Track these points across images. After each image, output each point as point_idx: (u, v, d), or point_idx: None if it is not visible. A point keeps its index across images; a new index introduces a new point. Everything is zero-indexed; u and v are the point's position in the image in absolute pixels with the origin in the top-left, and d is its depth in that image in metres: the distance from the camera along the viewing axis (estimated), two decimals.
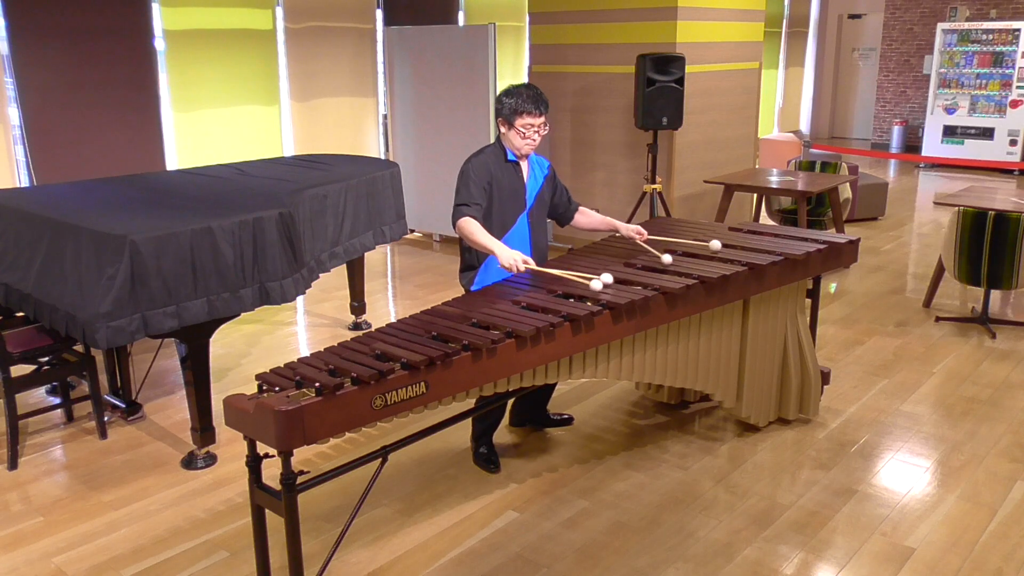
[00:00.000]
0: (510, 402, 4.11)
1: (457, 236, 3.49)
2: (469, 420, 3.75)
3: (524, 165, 3.63)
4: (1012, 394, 4.55)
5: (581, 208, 3.91)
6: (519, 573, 3.07)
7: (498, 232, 3.52)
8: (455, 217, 3.42)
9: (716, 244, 3.81)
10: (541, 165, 3.72)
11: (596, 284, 3.21)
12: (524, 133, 3.50)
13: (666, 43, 6.75)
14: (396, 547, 3.24)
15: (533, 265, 3.30)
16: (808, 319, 4.17)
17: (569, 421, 4.22)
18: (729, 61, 7.35)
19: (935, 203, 6.26)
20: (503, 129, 3.55)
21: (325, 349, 2.84)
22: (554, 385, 4.10)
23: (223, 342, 5.39)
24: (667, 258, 3.63)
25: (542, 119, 3.51)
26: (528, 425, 4.18)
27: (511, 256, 3.22)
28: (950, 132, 12.11)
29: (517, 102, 3.46)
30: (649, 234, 3.92)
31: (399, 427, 4.02)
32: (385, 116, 8.90)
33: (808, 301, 4.17)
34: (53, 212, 3.84)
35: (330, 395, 2.48)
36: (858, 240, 4.12)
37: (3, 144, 6.33)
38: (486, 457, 3.80)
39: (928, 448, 3.97)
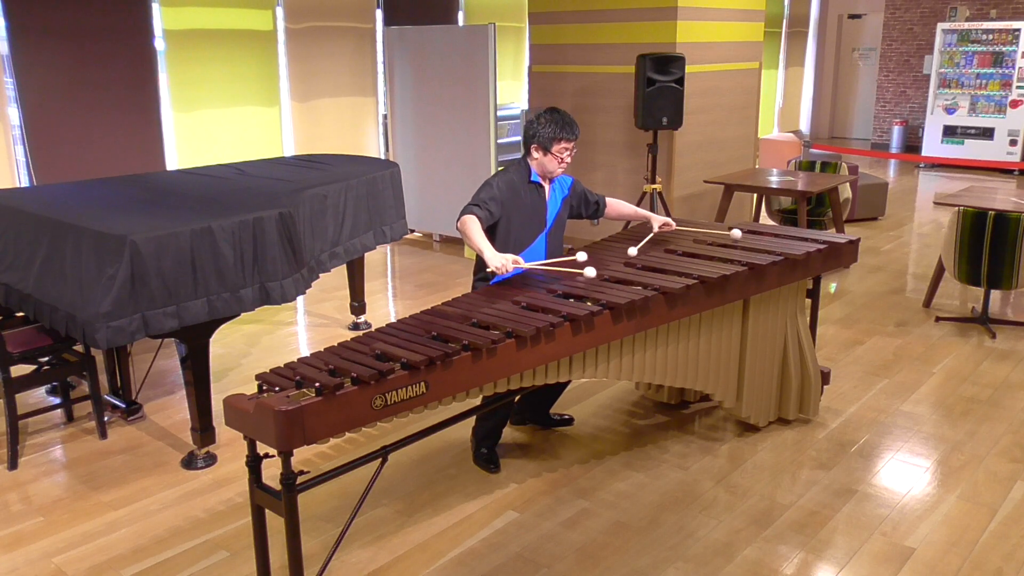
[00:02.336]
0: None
1: (459, 236, 3.55)
2: (469, 420, 3.74)
3: (546, 186, 3.73)
4: (1012, 394, 4.55)
5: (608, 200, 4.01)
6: (519, 573, 3.07)
7: (515, 250, 3.60)
8: (461, 213, 3.49)
9: (737, 233, 4.00)
10: (563, 185, 3.82)
11: (590, 271, 3.41)
12: (560, 158, 3.62)
13: (666, 43, 6.75)
14: (396, 547, 3.24)
15: (523, 264, 3.38)
16: (808, 319, 4.16)
17: (569, 422, 4.22)
18: (729, 61, 7.35)
19: (935, 203, 6.26)
20: (537, 154, 3.64)
21: (325, 349, 2.84)
22: (564, 386, 4.11)
23: (223, 342, 5.39)
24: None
25: (574, 142, 3.64)
26: (529, 424, 4.19)
27: (500, 259, 3.29)
28: (950, 132, 12.11)
29: (555, 130, 3.59)
30: (647, 236, 3.93)
31: (399, 427, 4.02)
32: (385, 116, 8.90)
33: (808, 301, 4.17)
34: (53, 212, 3.84)
35: (330, 395, 2.48)
36: (858, 240, 4.12)
37: (3, 144, 6.33)
38: (486, 457, 3.80)
39: (928, 448, 3.97)
